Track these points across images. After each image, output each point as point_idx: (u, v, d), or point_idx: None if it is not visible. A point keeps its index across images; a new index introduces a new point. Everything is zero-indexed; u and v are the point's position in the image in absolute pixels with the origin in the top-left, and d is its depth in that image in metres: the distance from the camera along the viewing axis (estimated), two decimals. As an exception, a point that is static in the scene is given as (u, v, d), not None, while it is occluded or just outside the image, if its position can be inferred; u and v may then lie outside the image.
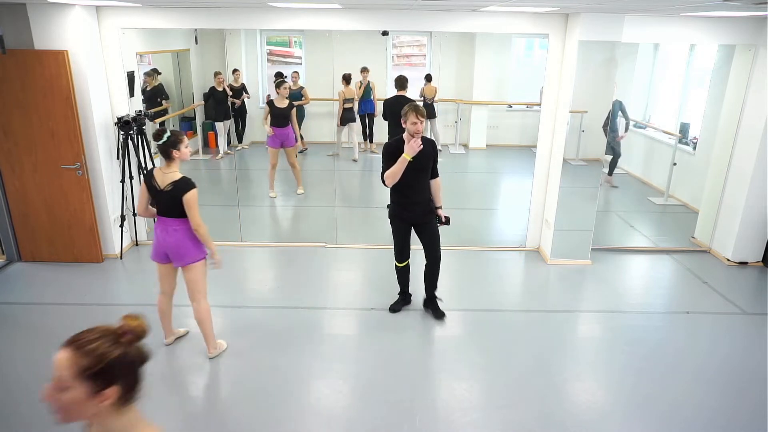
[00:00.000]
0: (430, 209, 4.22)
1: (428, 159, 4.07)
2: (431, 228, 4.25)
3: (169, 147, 3.53)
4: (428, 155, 4.06)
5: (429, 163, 4.11)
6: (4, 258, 5.39)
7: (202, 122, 9.72)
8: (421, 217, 4.22)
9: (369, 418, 3.36)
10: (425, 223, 4.24)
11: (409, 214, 4.20)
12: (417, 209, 4.18)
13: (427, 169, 4.12)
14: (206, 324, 3.82)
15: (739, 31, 5.20)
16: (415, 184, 4.09)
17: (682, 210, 7.35)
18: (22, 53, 4.75)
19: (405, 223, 4.26)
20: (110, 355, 1.35)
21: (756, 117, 5.32)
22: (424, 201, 4.18)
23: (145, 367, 1.44)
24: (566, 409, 3.49)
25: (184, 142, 3.60)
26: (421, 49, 11.10)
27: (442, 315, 4.45)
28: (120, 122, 5.21)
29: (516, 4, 4.37)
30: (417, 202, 4.15)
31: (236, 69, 9.54)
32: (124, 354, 1.37)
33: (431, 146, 4.12)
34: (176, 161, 3.58)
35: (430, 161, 4.12)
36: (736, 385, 3.76)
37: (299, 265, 5.53)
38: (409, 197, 4.13)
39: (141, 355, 1.42)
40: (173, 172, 3.56)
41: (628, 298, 5.00)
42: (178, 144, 3.55)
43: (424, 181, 4.14)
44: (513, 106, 10.94)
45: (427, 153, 4.03)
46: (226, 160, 9.49)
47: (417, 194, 4.13)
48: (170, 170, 3.57)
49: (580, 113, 5.32)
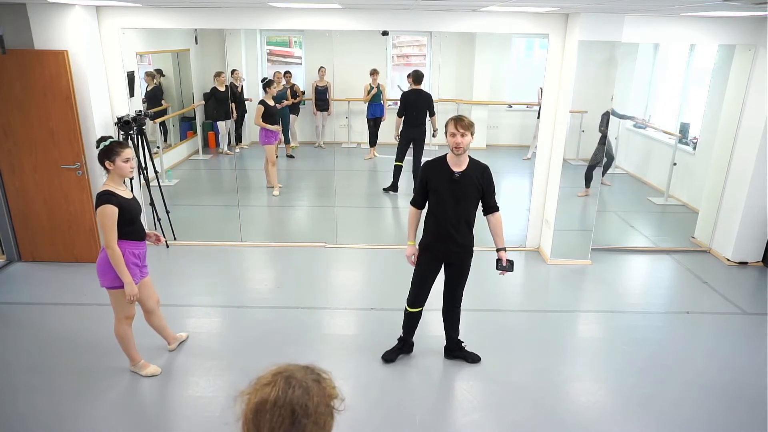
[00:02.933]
0: (468, 244, 3.55)
1: (472, 188, 3.41)
2: (465, 267, 3.62)
3: (102, 157, 3.25)
4: (471, 183, 3.40)
5: (473, 193, 3.42)
6: (4, 258, 5.39)
7: (202, 122, 9.72)
8: (456, 256, 3.55)
9: (369, 418, 3.36)
10: (460, 262, 3.59)
11: (444, 250, 3.53)
12: (453, 245, 3.50)
13: (471, 198, 3.43)
14: (122, 344, 3.59)
15: (739, 31, 5.20)
16: (453, 216, 3.42)
17: (682, 210, 7.35)
18: (22, 53, 4.74)
19: (436, 261, 3.60)
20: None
21: (756, 117, 5.32)
22: (464, 236, 3.50)
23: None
24: (566, 409, 3.49)
25: (121, 156, 3.24)
26: (421, 49, 11.10)
27: (478, 358, 3.90)
28: (120, 122, 5.20)
29: (516, 4, 4.37)
30: (455, 238, 3.47)
31: (235, 69, 9.55)
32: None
33: (478, 172, 3.42)
34: (113, 175, 3.28)
35: (475, 190, 3.42)
36: (736, 385, 3.75)
37: (299, 265, 5.53)
38: (447, 231, 3.45)
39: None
40: (113, 187, 3.28)
41: (628, 298, 4.99)
42: (113, 155, 3.22)
43: (466, 213, 3.45)
44: (513, 106, 10.93)
45: (470, 181, 3.39)
46: (226, 160, 9.49)
47: (456, 228, 3.45)
48: (112, 185, 3.28)
49: (580, 113, 5.32)
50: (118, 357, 3.76)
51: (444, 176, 3.39)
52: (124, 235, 3.33)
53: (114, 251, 3.25)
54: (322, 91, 9.75)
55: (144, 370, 3.69)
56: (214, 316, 4.53)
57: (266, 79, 7.99)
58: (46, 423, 3.27)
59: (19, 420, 3.28)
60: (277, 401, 1.25)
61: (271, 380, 1.29)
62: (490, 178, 3.48)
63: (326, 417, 1.30)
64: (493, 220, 3.59)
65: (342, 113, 10.41)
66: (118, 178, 3.34)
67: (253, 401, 1.27)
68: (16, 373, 3.71)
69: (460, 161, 3.39)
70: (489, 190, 3.50)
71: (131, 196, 3.43)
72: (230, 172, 9.12)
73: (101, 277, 3.39)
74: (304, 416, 1.25)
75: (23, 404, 3.41)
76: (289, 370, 1.32)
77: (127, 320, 3.54)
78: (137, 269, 3.47)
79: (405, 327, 3.88)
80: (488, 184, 3.48)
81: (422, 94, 7.28)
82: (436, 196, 3.44)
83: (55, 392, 3.52)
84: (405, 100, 7.30)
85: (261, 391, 1.28)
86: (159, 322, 3.86)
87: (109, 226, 3.24)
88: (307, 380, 1.30)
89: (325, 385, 1.33)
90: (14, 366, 3.79)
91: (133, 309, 3.54)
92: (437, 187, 3.42)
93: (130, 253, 3.39)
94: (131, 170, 3.36)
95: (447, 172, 3.39)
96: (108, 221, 3.23)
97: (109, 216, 3.22)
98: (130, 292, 3.35)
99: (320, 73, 9.71)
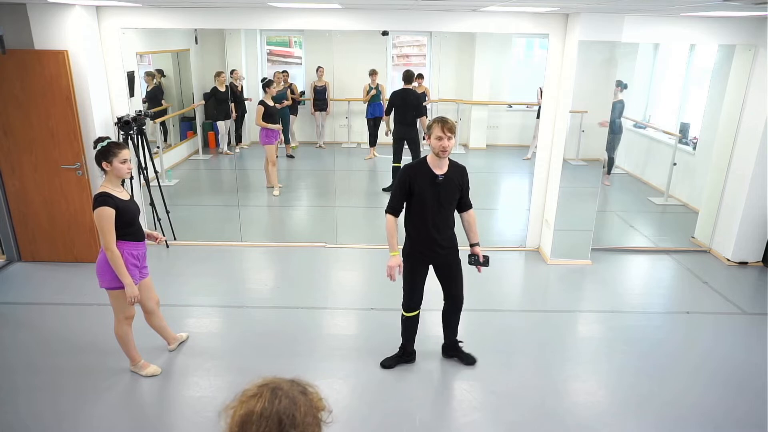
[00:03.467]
0: (453, 245, 3.54)
1: (454, 190, 3.40)
2: (454, 266, 3.59)
3: (99, 158, 3.25)
4: (453, 185, 3.39)
5: (455, 195, 3.43)
6: (4, 258, 5.39)
7: (202, 122, 9.73)
8: (443, 257, 3.53)
9: (369, 418, 3.36)
10: (447, 263, 3.58)
11: (430, 254, 3.50)
12: (439, 249, 3.48)
13: (453, 201, 3.44)
14: (122, 344, 3.60)
15: (739, 31, 5.20)
16: (437, 220, 3.40)
17: (682, 210, 7.35)
18: (22, 53, 4.74)
19: (423, 265, 3.55)
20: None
21: (756, 117, 5.32)
22: (448, 237, 3.50)
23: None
24: (566, 409, 3.49)
25: (119, 156, 3.24)
26: (421, 49, 11.10)
27: (474, 359, 3.87)
28: (120, 122, 5.20)
29: (516, 4, 4.37)
30: (439, 241, 3.45)
31: (234, 69, 9.54)
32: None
33: (458, 174, 3.42)
34: (110, 176, 3.29)
35: (456, 192, 3.43)
36: (736, 384, 3.75)
37: (299, 265, 5.53)
38: (430, 235, 3.42)
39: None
40: (110, 189, 3.29)
41: (628, 298, 4.99)
42: (110, 156, 3.23)
43: (449, 216, 3.47)
44: (513, 106, 10.94)
45: (452, 183, 3.38)
46: (226, 160, 9.49)
47: (440, 232, 3.42)
48: (109, 186, 3.29)
49: (580, 113, 5.32)
50: (118, 357, 3.76)
51: (426, 180, 3.33)
52: (122, 237, 3.32)
53: (113, 253, 3.24)
54: (321, 91, 9.75)
55: (144, 370, 3.69)
56: (214, 316, 4.53)
57: (266, 79, 8.00)
58: (46, 423, 3.27)
59: (19, 420, 3.28)
60: (263, 412, 1.24)
61: (257, 392, 1.28)
62: (467, 179, 3.50)
63: (314, 428, 1.29)
64: (468, 218, 3.60)
65: (342, 113, 10.41)
66: (115, 180, 3.33)
67: (239, 413, 1.26)
68: (16, 373, 3.71)
69: (441, 164, 3.34)
70: (467, 190, 3.52)
71: (129, 197, 3.42)
72: (230, 172, 9.12)
73: (100, 277, 3.39)
74: (292, 426, 1.24)
75: (23, 404, 3.41)
76: (275, 382, 1.31)
77: (126, 320, 3.53)
78: (136, 270, 3.46)
79: (404, 334, 3.81)
80: (468, 186, 3.51)
81: (410, 94, 7.12)
82: (420, 200, 3.36)
83: (55, 392, 3.51)
84: (392, 99, 7.22)
85: (247, 403, 1.26)
86: (159, 323, 3.86)
87: (107, 228, 3.23)
88: (293, 391, 1.29)
89: (311, 397, 1.32)
90: (14, 366, 3.79)
91: (132, 309, 3.53)
92: (420, 191, 3.34)
93: (129, 254, 3.39)
94: (128, 171, 3.35)
95: (429, 175, 3.33)
96: (105, 223, 3.22)
97: (106, 218, 3.21)
98: (131, 294, 3.35)
99: (318, 72, 9.71)
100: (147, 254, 3.61)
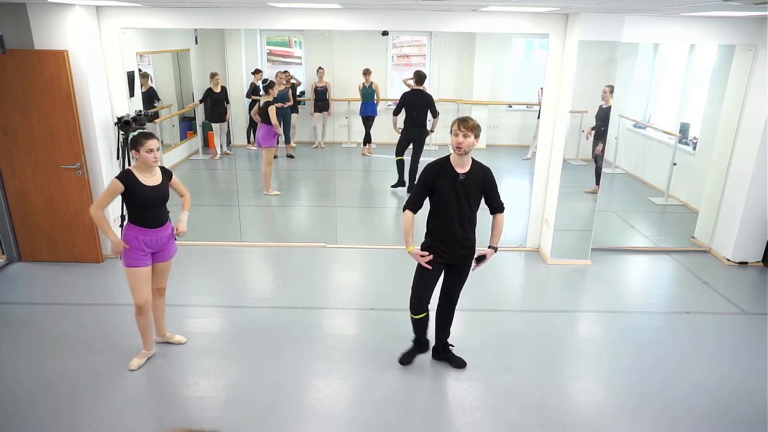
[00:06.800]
0: (472, 247, 3.51)
1: (475, 189, 3.38)
2: (467, 269, 3.57)
3: (130, 146, 3.48)
4: (475, 185, 3.36)
5: (477, 195, 3.40)
6: (4, 258, 5.39)
7: (202, 122, 9.72)
8: (461, 258, 3.51)
9: (369, 418, 3.36)
10: (461, 265, 3.55)
11: (449, 252, 3.46)
12: (458, 248, 3.45)
13: (474, 201, 3.41)
14: (138, 328, 3.80)
15: (739, 31, 5.20)
16: (459, 218, 3.39)
17: (682, 210, 7.35)
18: (22, 53, 4.74)
19: (439, 265, 3.51)
20: None
21: (756, 117, 5.32)
22: (469, 238, 3.47)
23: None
24: (566, 409, 3.49)
25: (145, 146, 3.40)
26: (421, 49, 11.10)
27: (464, 363, 3.86)
28: (120, 122, 5.20)
29: (516, 4, 4.37)
30: (460, 240, 3.44)
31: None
32: None
33: (481, 174, 3.40)
34: (139, 162, 3.47)
35: (478, 192, 3.40)
36: (736, 384, 3.75)
37: (299, 265, 5.53)
38: (452, 233, 3.41)
39: None
40: (136, 171, 3.49)
41: (628, 298, 5.00)
42: (137, 146, 3.41)
43: (471, 215, 3.43)
44: (513, 106, 10.94)
45: (474, 182, 3.36)
46: (226, 160, 9.48)
47: (461, 230, 3.41)
48: (137, 169, 3.49)
49: (580, 113, 5.32)
50: (119, 357, 3.76)
51: (448, 178, 3.34)
52: (133, 220, 3.51)
53: (94, 215, 3.45)
54: (322, 92, 9.74)
55: (138, 359, 3.78)
56: (214, 316, 4.53)
57: (267, 80, 7.99)
58: (46, 423, 3.27)
59: (19, 420, 3.28)
60: None
61: None
62: (492, 180, 3.45)
63: None
64: (494, 221, 3.57)
65: (342, 113, 10.41)
66: (143, 166, 3.49)
67: None
68: (16, 373, 3.71)
69: (463, 162, 3.33)
70: (493, 192, 3.47)
71: (154, 185, 3.52)
72: (230, 172, 9.12)
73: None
74: None
75: (23, 404, 3.41)
76: None
77: (138, 308, 3.63)
78: (140, 253, 3.54)
79: (416, 331, 3.80)
80: (491, 186, 3.45)
81: (423, 95, 7.28)
82: (441, 198, 3.36)
83: (55, 392, 3.51)
84: (404, 100, 7.31)
85: None
86: (157, 311, 3.90)
87: (105, 194, 3.45)
88: None
89: None
90: (14, 366, 3.79)
91: (140, 296, 3.59)
92: (442, 190, 3.35)
93: (134, 237, 3.51)
94: (155, 160, 3.48)
95: (451, 173, 3.34)
96: (106, 190, 3.44)
97: (110, 186, 3.43)
98: (114, 248, 3.51)
99: (319, 73, 9.70)
100: (165, 244, 3.67)
